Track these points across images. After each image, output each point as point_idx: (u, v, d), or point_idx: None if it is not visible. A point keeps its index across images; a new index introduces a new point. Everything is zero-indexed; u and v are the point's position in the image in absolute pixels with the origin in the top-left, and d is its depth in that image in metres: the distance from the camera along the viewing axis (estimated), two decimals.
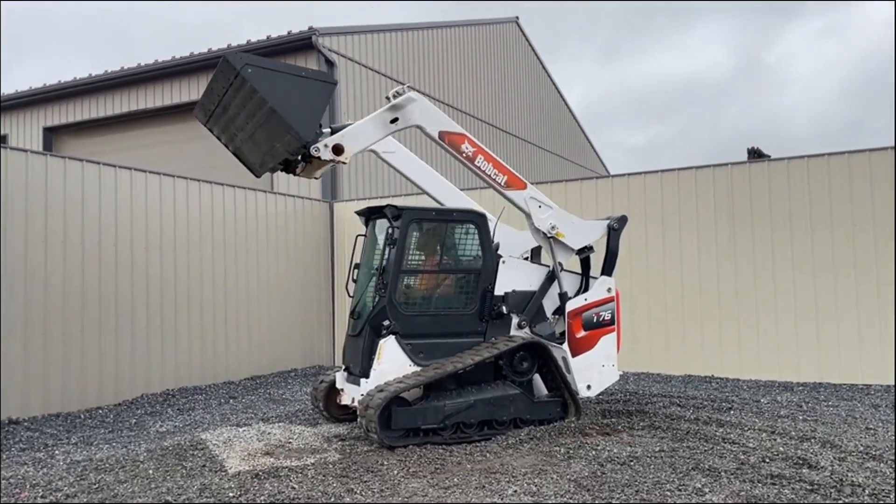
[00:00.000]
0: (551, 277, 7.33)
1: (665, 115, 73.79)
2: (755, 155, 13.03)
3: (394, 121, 6.64)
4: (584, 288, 7.53)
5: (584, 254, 7.58)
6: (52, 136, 17.42)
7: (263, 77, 5.87)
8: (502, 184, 7.10)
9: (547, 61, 24.72)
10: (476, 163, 6.96)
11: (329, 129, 6.59)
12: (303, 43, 13.89)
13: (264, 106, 5.92)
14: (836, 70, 74.88)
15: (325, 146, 6.30)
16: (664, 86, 75.77)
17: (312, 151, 6.23)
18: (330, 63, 14.08)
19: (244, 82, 5.90)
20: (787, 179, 9.92)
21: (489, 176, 7.04)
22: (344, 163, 6.50)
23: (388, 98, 6.78)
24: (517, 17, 22.94)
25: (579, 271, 7.64)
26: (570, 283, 7.46)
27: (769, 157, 11.49)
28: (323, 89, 6.17)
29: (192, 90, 15.18)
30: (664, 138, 69.65)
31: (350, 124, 6.78)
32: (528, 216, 7.26)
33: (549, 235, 7.28)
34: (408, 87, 6.87)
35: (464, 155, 6.91)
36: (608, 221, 7.62)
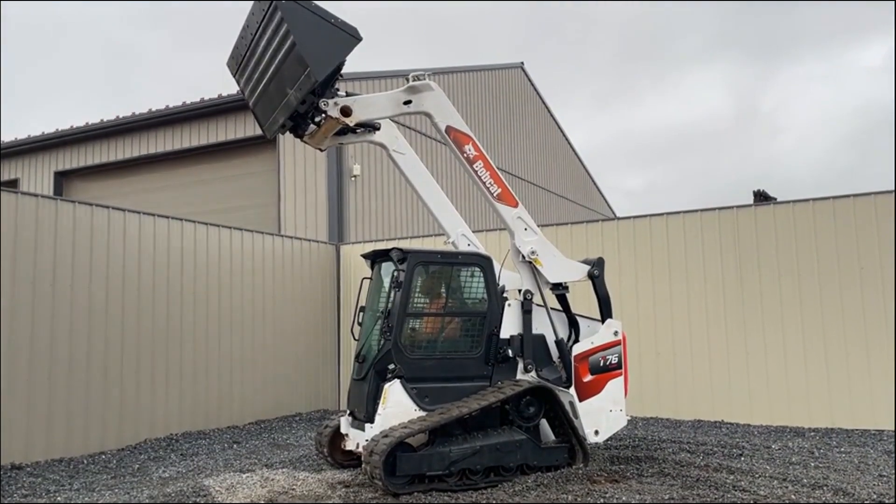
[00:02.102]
0: (528, 310, 7.22)
1: (661, 160, 74.40)
2: (761, 198, 13.10)
3: (407, 103, 6.75)
4: (574, 328, 7.50)
5: (559, 291, 7.52)
6: (63, 179, 17.64)
7: (294, 11, 6.10)
8: (495, 195, 7.14)
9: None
10: (475, 166, 7.03)
11: (345, 94, 6.69)
12: None
13: (287, 41, 6.13)
14: (829, 119, 75.69)
15: (335, 104, 6.43)
16: (660, 132, 76.55)
17: (321, 104, 6.38)
18: None
19: (275, 13, 6.13)
20: (792, 222, 9.92)
21: (484, 183, 7.10)
22: (348, 125, 6.61)
23: (407, 79, 6.86)
24: (522, 63, 23.31)
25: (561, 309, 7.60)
26: (560, 324, 7.42)
27: (775, 199, 11.54)
28: (346, 40, 6.31)
29: (201, 135, 15.40)
30: (663, 183, 70.06)
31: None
32: (512, 235, 7.28)
33: (527, 259, 7.25)
34: (429, 75, 6.95)
35: (465, 155, 6.99)
36: (588, 268, 7.57)
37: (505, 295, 7.27)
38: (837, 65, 78.15)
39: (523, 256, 7.27)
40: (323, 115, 6.51)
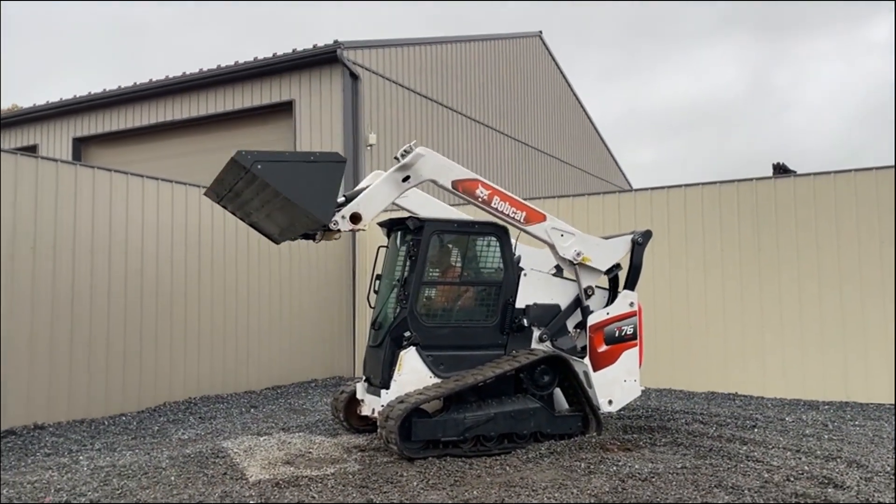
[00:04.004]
0: (579, 301, 7.31)
1: (669, 136, 73.57)
2: (780, 170, 12.94)
3: (405, 179, 6.62)
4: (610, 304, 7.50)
5: (613, 272, 7.55)
6: (81, 146, 17.74)
7: (274, 170, 5.85)
8: (522, 220, 7.03)
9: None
10: (493, 205, 6.90)
11: (343, 198, 6.58)
12: (328, 56, 14.04)
13: (279, 195, 5.95)
14: (842, 95, 74.32)
15: (343, 217, 6.30)
16: (668, 107, 75.60)
17: (332, 226, 6.26)
18: (354, 76, 14.20)
19: (255, 177, 5.90)
20: (812, 195, 9.82)
21: (508, 215, 6.98)
22: (363, 230, 6.54)
23: (396, 158, 6.73)
24: (540, 32, 23.01)
25: (606, 286, 7.61)
26: (597, 298, 7.43)
27: (794, 172, 11.40)
28: (334, 169, 6.12)
29: (217, 102, 15.40)
30: (672, 159, 69.33)
31: (364, 188, 6.83)
32: (552, 247, 7.21)
33: (575, 262, 7.26)
34: (414, 143, 6.84)
35: (480, 199, 6.86)
36: (632, 236, 7.58)
37: (521, 265, 7.30)
38: (848, 40, 76.69)
39: (570, 261, 7.25)
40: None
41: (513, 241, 7.34)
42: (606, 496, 5.05)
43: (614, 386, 7.19)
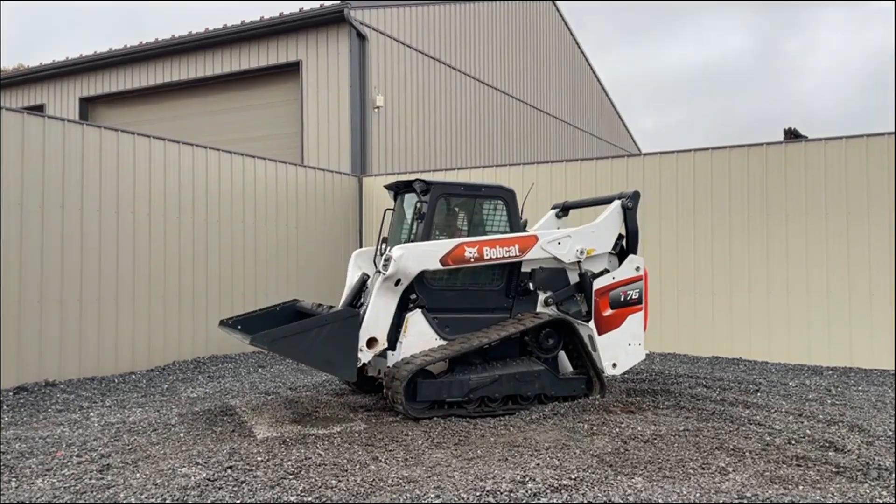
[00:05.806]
0: (581, 275, 7.31)
1: (673, 102, 72.72)
2: (792, 135, 12.81)
3: (397, 283, 6.55)
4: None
5: (618, 245, 7.57)
6: (88, 106, 17.69)
7: (292, 344, 6.05)
8: (518, 253, 6.95)
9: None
10: (486, 256, 6.78)
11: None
12: (335, 16, 13.88)
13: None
14: (850, 62, 73.13)
15: (361, 350, 6.38)
16: (672, 73, 74.61)
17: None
18: (361, 36, 14.05)
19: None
20: (823, 160, 9.72)
21: (504, 257, 6.88)
22: (384, 348, 6.57)
23: (379, 272, 6.63)
24: None
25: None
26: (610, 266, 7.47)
27: (806, 137, 11.28)
28: (349, 325, 6.27)
29: (224, 62, 15.28)
30: (675, 124, 68.63)
31: (356, 290, 6.99)
32: (556, 259, 7.18)
33: (581, 259, 7.25)
34: (388, 251, 6.73)
35: (473, 259, 6.73)
36: (621, 202, 7.53)
37: (526, 228, 7.29)
38: (857, 6, 75.22)
39: (577, 261, 7.25)
40: None
41: (519, 204, 7.34)
42: (609, 456, 5.11)
43: (619, 349, 7.24)
